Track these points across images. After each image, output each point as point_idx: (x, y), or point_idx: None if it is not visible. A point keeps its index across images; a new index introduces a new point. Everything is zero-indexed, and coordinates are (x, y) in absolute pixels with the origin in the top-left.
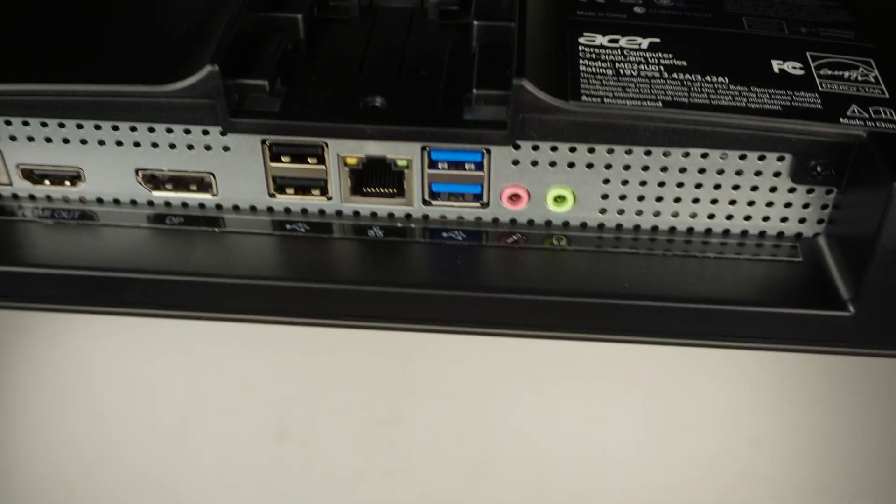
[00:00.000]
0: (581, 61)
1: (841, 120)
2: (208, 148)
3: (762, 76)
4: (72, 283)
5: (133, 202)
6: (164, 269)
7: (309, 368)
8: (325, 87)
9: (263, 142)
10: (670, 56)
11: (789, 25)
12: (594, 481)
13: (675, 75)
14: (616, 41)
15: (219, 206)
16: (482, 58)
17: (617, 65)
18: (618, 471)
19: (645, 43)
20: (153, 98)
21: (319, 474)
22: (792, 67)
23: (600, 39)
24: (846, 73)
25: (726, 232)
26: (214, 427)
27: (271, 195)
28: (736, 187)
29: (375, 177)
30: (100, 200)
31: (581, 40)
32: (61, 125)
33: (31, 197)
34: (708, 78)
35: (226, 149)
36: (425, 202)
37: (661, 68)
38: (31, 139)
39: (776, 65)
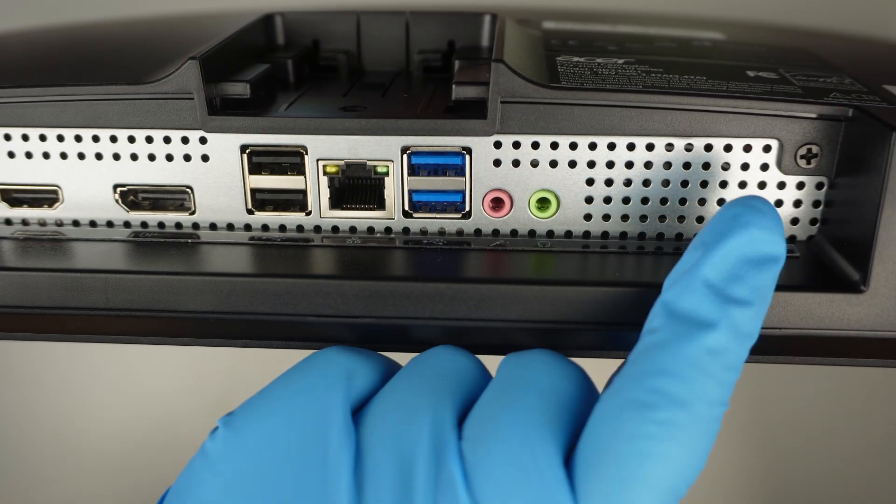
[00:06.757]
0: (559, 67)
1: (825, 99)
2: (188, 158)
3: (739, 77)
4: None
5: (109, 224)
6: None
7: None
8: (308, 101)
9: (243, 150)
10: (647, 66)
11: (758, 60)
12: None
13: (652, 74)
14: (592, 59)
15: (195, 225)
16: (461, 69)
17: (594, 69)
18: None
19: (621, 60)
20: (134, 96)
21: None
22: (766, 74)
23: (577, 59)
24: (821, 77)
25: None
26: None
27: (249, 211)
28: (724, 184)
29: (355, 192)
30: (76, 223)
31: (558, 59)
32: (42, 138)
33: (7, 221)
34: (686, 76)
35: (205, 158)
36: (406, 214)
37: (638, 70)
38: (11, 155)
39: (751, 73)
